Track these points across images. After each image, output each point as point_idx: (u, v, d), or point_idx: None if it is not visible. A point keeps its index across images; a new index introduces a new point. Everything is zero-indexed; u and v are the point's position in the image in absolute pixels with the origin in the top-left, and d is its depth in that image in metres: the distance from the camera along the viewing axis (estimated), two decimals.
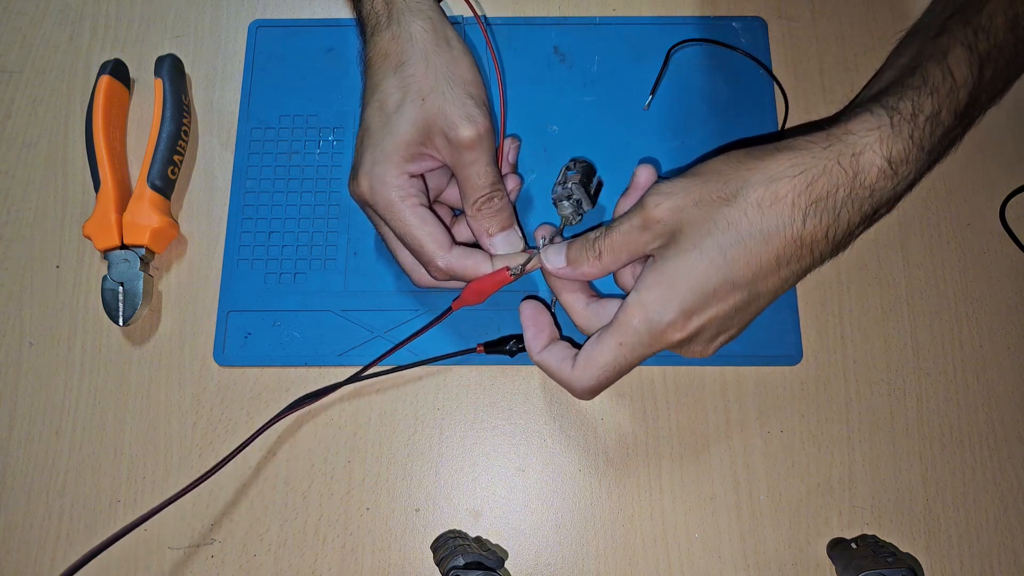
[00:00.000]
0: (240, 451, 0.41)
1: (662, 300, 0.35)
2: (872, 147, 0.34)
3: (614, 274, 0.40)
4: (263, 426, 0.42)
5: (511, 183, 0.44)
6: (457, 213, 0.46)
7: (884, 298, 0.47)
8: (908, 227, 0.48)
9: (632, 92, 0.50)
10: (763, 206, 0.34)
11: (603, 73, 0.50)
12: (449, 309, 0.42)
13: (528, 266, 0.40)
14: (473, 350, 0.44)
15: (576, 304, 0.40)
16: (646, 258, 0.38)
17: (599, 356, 0.37)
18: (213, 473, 0.40)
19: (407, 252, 0.41)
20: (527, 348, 0.40)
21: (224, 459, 0.41)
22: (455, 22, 0.50)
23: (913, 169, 0.34)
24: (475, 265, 0.40)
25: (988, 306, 0.47)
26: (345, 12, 0.52)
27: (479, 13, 0.51)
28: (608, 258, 0.37)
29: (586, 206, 0.41)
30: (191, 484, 0.39)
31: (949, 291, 0.47)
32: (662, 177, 0.38)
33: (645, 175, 0.40)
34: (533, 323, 0.41)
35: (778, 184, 0.34)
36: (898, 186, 0.34)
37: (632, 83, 0.50)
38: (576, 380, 0.37)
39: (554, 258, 0.39)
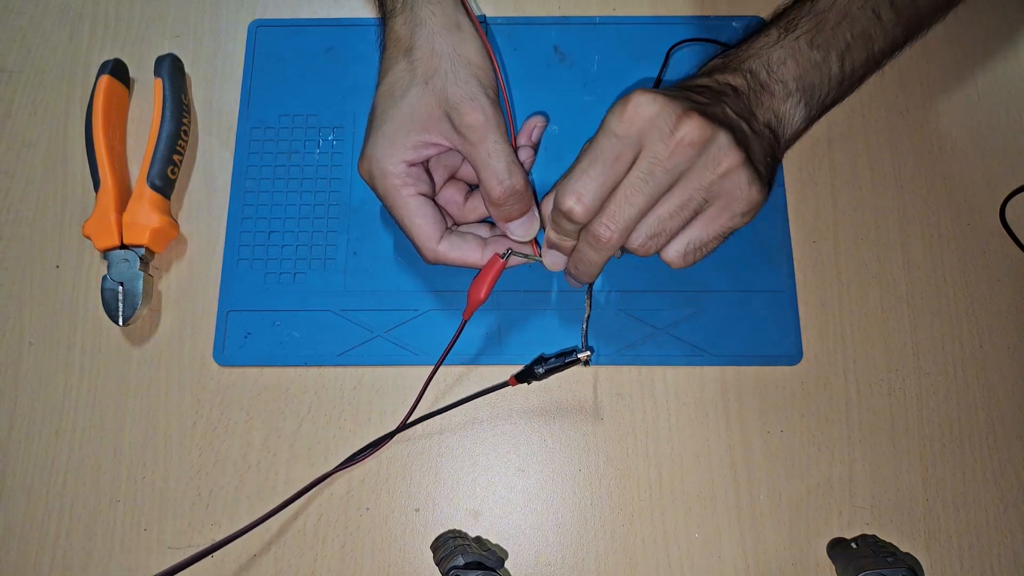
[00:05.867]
0: (290, 504, 0.42)
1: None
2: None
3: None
4: (312, 482, 0.42)
5: (523, 155, 0.44)
6: (474, 188, 0.45)
7: (884, 298, 0.47)
8: (908, 227, 0.48)
9: None
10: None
11: (603, 73, 0.50)
12: (463, 323, 0.42)
13: (518, 258, 0.41)
14: (506, 383, 0.43)
15: None
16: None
17: (578, 158, 0.38)
18: (262, 522, 0.41)
19: None
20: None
21: (275, 509, 0.41)
22: None
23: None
24: (462, 257, 0.41)
25: (988, 306, 0.47)
26: (344, 11, 0.52)
27: (475, 13, 0.51)
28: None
29: None
30: (246, 527, 0.40)
31: (949, 291, 0.47)
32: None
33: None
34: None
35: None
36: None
37: (632, 83, 0.50)
38: (561, 186, 0.37)
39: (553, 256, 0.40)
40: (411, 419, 0.43)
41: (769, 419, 0.45)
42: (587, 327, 0.42)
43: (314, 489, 0.43)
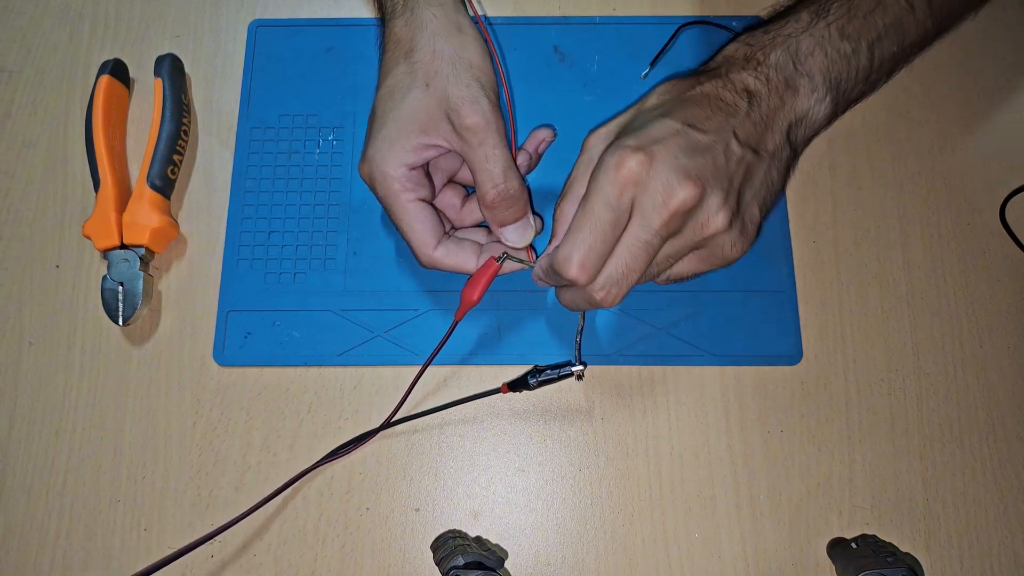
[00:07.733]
0: (275, 496, 0.42)
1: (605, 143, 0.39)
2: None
3: None
4: (299, 474, 0.42)
5: (520, 158, 0.44)
6: (471, 191, 0.45)
7: (884, 298, 0.47)
8: (908, 227, 0.48)
9: (632, 92, 0.50)
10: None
11: (603, 73, 0.50)
12: (454, 323, 0.42)
13: (514, 262, 0.41)
14: (498, 390, 0.44)
15: None
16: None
17: (574, 220, 0.36)
18: (247, 516, 0.41)
19: None
20: (534, 275, 0.41)
21: (260, 502, 0.41)
22: None
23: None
24: (458, 264, 0.41)
25: (988, 306, 0.47)
26: (344, 11, 0.52)
27: (479, 12, 0.51)
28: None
29: None
30: (226, 524, 0.40)
31: (949, 291, 0.47)
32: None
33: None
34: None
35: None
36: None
37: (632, 83, 0.50)
38: (561, 252, 0.36)
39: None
40: (398, 417, 0.43)
41: (769, 419, 0.45)
42: (580, 340, 0.43)
43: (314, 489, 0.43)
